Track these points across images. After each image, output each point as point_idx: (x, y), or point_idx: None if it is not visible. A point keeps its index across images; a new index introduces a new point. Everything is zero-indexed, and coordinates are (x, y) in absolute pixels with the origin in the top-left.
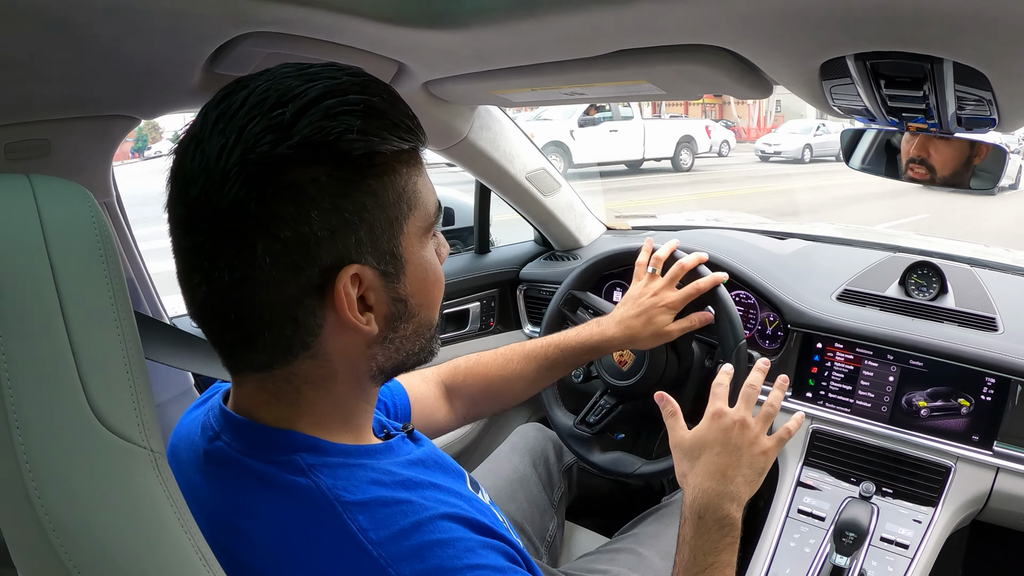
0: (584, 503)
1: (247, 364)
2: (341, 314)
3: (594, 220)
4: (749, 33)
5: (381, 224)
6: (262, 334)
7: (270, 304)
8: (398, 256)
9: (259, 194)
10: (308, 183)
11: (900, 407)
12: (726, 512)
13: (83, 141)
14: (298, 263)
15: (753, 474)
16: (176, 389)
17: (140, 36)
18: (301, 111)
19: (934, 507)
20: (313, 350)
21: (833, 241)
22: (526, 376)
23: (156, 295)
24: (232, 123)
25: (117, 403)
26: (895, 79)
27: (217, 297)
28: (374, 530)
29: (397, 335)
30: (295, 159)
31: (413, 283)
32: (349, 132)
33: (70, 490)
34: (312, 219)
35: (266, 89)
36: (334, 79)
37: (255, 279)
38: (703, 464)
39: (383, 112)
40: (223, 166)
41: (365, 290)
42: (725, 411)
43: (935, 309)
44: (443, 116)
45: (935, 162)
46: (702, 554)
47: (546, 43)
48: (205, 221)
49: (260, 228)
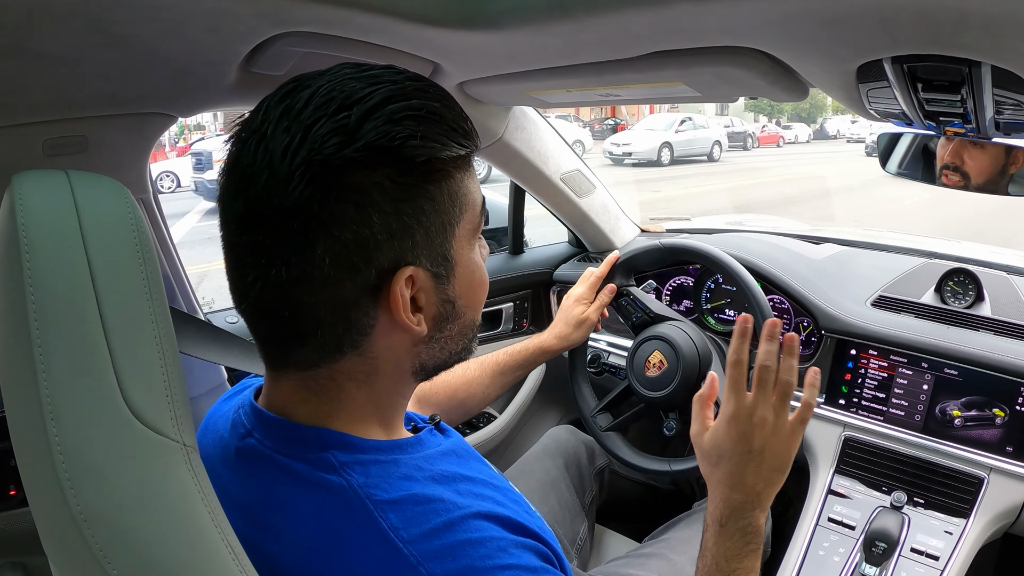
0: (614, 507)
1: (292, 361)
2: (395, 315)
3: (628, 222)
4: (786, 36)
5: (436, 227)
6: (315, 332)
7: (325, 304)
8: (449, 258)
9: (323, 195)
10: (371, 186)
11: (934, 416)
12: (749, 520)
13: (120, 138)
14: (356, 264)
15: (775, 474)
16: (210, 383)
17: (179, 35)
18: (366, 115)
19: (966, 519)
20: (362, 349)
21: (868, 246)
22: (483, 381)
23: (191, 290)
24: (297, 122)
25: (151, 397)
26: (932, 82)
27: (272, 295)
28: (405, 528)
29: (443, 335)
30: (360, 162)
31: (461, 285)
32: (412, 138)
33: (103, 482)
34: (373, 222)
35: (330, 90)
36: (396, 83)
37: (312, 278)
38: (723, 472)
39: (443, 117)
40: (288, 165)
41: (417, 291)
42: (740, 410)
43: (971, 317)
44: (478, 117)
45: (969, 169)
46: (724, 560)
47: (581, 44)
48: (266, 219)
49: (321, 229)
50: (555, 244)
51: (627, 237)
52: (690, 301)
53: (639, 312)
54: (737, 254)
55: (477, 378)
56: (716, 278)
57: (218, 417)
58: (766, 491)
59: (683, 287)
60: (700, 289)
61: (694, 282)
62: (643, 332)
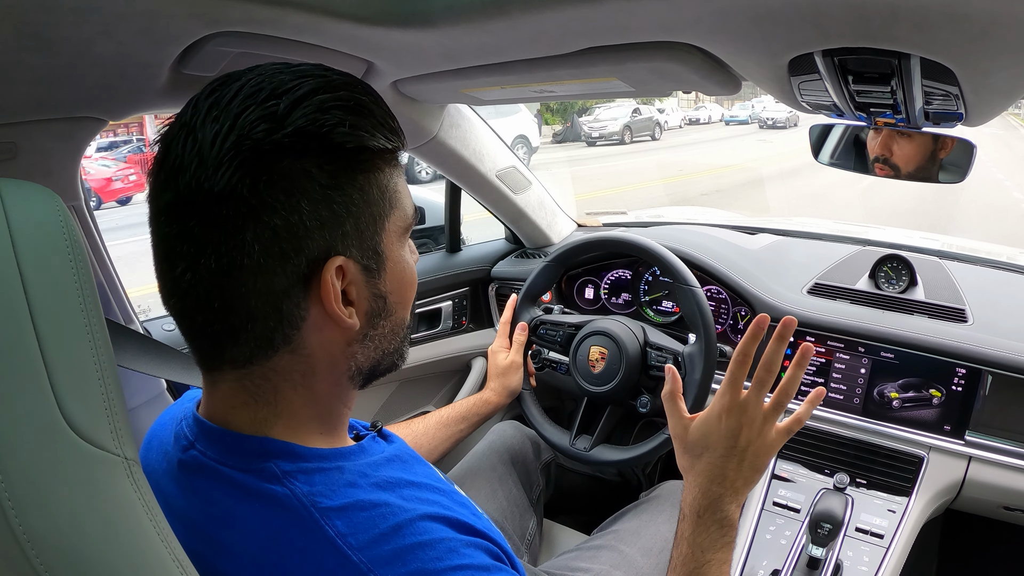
0: (562, 500)
1: (226, 359)
2: (326, 306)
3: (565, 217)
4: (718, 30)
5: (366, 219)
6: (246, 325)
7: (256, 293)
8: (380, 252)
9: (252, 180)
10: (300, 172)
11: (872, 399)
12: (726, 513)
13: (51, 143)
14: (286, 252)
15: (754, 474)
16: (148, 394)
17: (109, 37)
18: (295, 103)
19: (908, 497)
20: (294, 345)
21: (803, 235)
22: (427, 432)
23: (126, 299)
24: (226, 112)
25: (89, 410)
26: (863, 75)
27: (203, 286)
28: (353, 535)
29: (376, 332)
30: (289, 148)
31: (392, 281)
32: (340, 126)
33: (44, 500)
34: (302, 208)
35: (259, 82)
36: (324, 77)
37: (243, 267)
38: (704, 464)
39: (371, 111)
40: (217, 151)
41: (348, 284)
42: (733, 406)
43: (905, 301)
44: (412, 115)
45: (898, 159)
46: (700, 551)
47: (515, 41)
48: (195, 207)
49: (251, 214)
50: (492, 241)
51: (563, 232)
52: (628, 294)
53: (559, 331)
54: (673, 246)
55: (423, 431)
56: (653, 271)
57: (162, 430)
58: (744, 488)
59: (621, 281)
60: (638, 282)
61: (632, 275)
62: (574, 339)
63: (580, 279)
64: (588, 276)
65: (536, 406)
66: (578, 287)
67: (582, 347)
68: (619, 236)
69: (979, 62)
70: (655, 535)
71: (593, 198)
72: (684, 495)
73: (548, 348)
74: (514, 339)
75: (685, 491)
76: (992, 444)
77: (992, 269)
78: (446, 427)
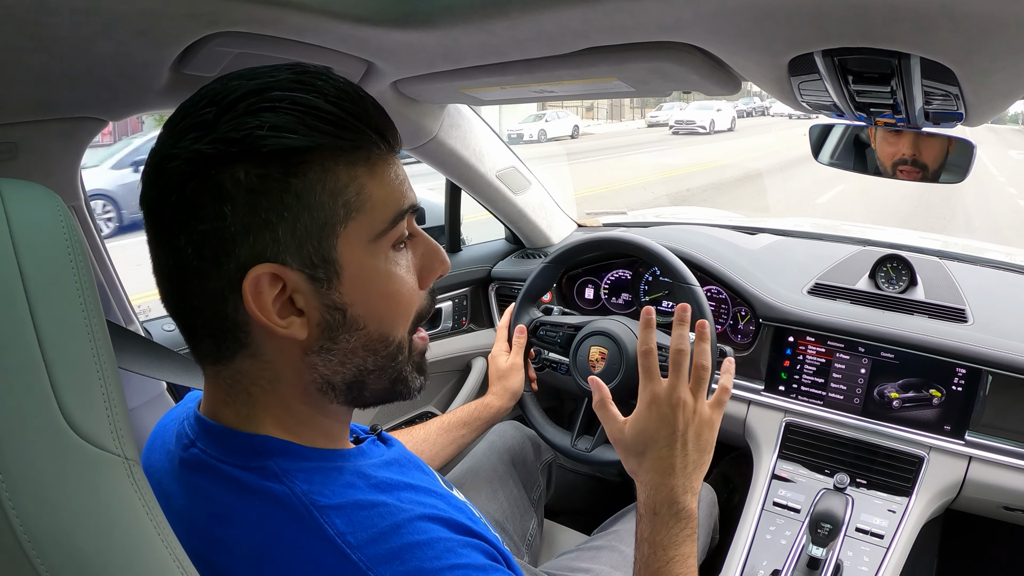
0: (562, 500)
1: (200, 355)
2: (252, 313)
3: (564, 217)
4: (718, 30)
5: (306, 224)
6: (198, 323)
7: (199, 295)
8: (331, 260)
9: (179, 188)
10: (226, 179)
11: (872, 399)
12: (682, 505)
13: (51, 143)
14: (216, 256)
15: (701, 456)
16: (148, 394)
17: (109, 38)
18: (225, 109)
19: (908, 497)
20: (251, 350)
21: (804, 236)
22: (428, 439)
23: (127, 299)
24: (171, 122)
25: (90, 410)
26: (863, 75)
27: (165, 285)
28: (352, 533)
29: (337, 347)
30: (214, 156)
31: (353, 292)
32: (259, 128)
33: (44, 500)
34: (226, 215)
35: (210, 90)
36: (273, 78)
37: (185, 268)
38: (650, 460)
39: (314, 108)
40: (155, 163)
41: (292, 292)
42: (658, 394)
43: (905, 301)
44: (412, 115)
45: (927, 159)
46: (662, 549)
47: (515, 41)
48: (147, 216)
49: (182, 220)
50: (492, 241)
51: (563, 233)
52: (628, 295)
53: (559, 332)
54: (673, 246)
55: (423, 437)
56: (653, 271)
57: (165, 430)
58: (695, 474)
59: (621, 281)
60: (638, 282)
61: (632, 275)
62: (574, 340)
63: (580, 279)
64: (588, 276)
65: (536, 407)
66: (578, 287)
67: (582, 347)
68: (619, 236)
69: (979, 62)
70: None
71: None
72: (638, 497)
73: (548, 348)
74: (514, 341)
75: (639, 493)
76: (992, 444)
77: (992, 269)
78: (447, 432)
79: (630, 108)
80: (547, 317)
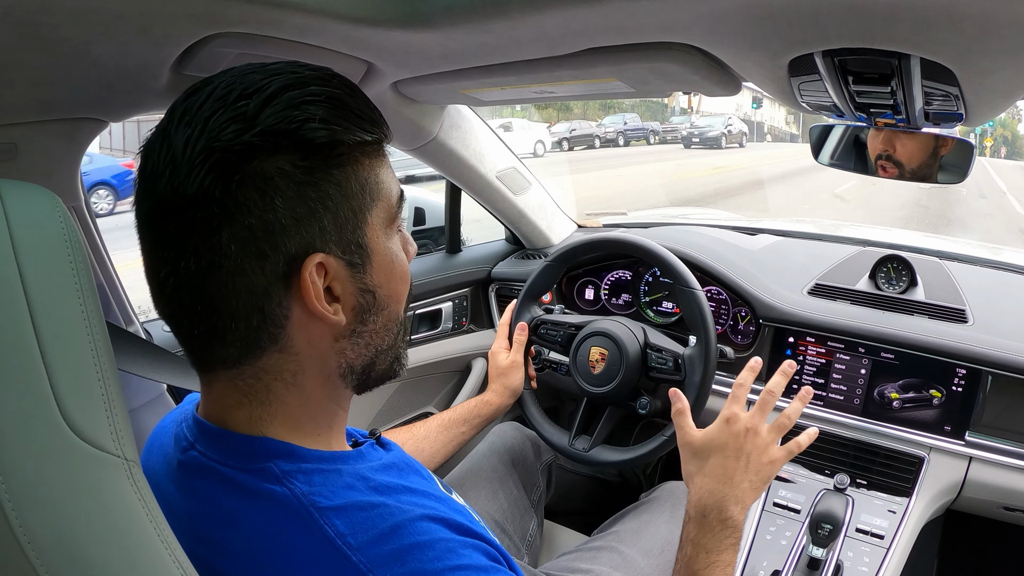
0: (562, 501)
1: (217, 360)
2: (308, 303)
3: (564, 218)
4: (719, 31)
5: (345, 213)
6: (230, 326)
7: (237, 294)
8: (364, 246)
9: (224, 181)
10: (273, 171)
11: (872, 399)
12: (729, 514)
13: (51, 144)
14: (263, 251)
15: (759, 481)
16: (148, 395)
17: (109, 38)
18: (265, 102)
19: (908, 497)
20: (281, 343)
21: (803, 236)
22: (429, 436)
23: (127, 300)
24: (197, 116)
25: (89, 412)
26: (863, 75)
27: (185, 288)
28: (352, 535)
29: (367, 328)
30: (260, 147)
31: (380, 274)
32: (311, 121)
33: (44, 501)
34: (276, 206)
35: (230, 84)
36: (297, 74)
37: (222, 268)
38: (711, 466)
39: (345, 103)
40: (189, 155)
41: (331, 280)
42: (739, 416)
43: (905, 302)
44: (413, 116)
45: (901, 156)
46: (704, 552)
47: (516, 42)
48: (172, 212)
49: (225, 215)
50: (492, 242)
51: (564, 233)
52: (629, 295)
53: (559, 332)
54: (673, 246)
55: (424, 435)
56: (654, 271)
57: (163, 433)
58: (750, 492)
59: (621, 281)
60: (638, 283)
61: (632, 276)
62: (574, 339)
63: (580, 280)
64: (588, 277)
65: (536, 407)
66: (578, 288)
67: (582, 348)
68: (619, 236)
69: (979, 63)
70: (655, 536)
71: None
72: (689, 499)
73: (548, 348)
74: (514, 339)
75: (691, 495)
76: (992, 444)
77: (992, 269)
78: (447, 430)
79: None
80: (548, 316)
